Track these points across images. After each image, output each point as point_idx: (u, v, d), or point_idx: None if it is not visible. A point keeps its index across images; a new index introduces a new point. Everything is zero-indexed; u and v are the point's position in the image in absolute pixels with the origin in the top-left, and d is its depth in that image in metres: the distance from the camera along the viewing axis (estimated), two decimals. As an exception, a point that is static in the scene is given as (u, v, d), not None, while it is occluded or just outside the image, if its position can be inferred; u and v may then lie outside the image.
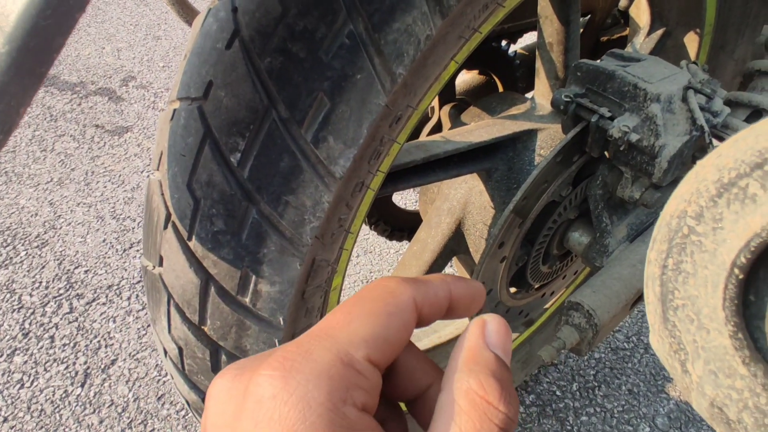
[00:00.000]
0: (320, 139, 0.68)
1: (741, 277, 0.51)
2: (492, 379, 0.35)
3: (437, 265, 1.30)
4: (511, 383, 0.36)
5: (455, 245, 1.30)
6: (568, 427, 1.94)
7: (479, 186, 1.23)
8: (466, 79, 1.55)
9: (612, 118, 1.05)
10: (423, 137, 1.49)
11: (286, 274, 0.75)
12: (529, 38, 3.02)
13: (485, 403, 0.34)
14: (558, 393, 2.00)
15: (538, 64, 1.23)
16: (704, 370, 0.53)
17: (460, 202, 1.25)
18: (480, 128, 1.18)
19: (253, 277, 0.74)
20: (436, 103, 1.45)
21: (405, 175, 1.08)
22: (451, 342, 1.66)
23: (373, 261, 2.33)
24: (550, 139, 1.21)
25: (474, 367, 0.35)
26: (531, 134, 1.21)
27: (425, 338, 1.68)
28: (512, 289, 1.37)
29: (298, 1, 0.64)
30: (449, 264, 2.19)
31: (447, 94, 1.46)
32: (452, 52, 0.77)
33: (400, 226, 1.68)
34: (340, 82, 0.66)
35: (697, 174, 0.55)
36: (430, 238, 1.28)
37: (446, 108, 1.44)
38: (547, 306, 1.73)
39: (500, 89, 1.55)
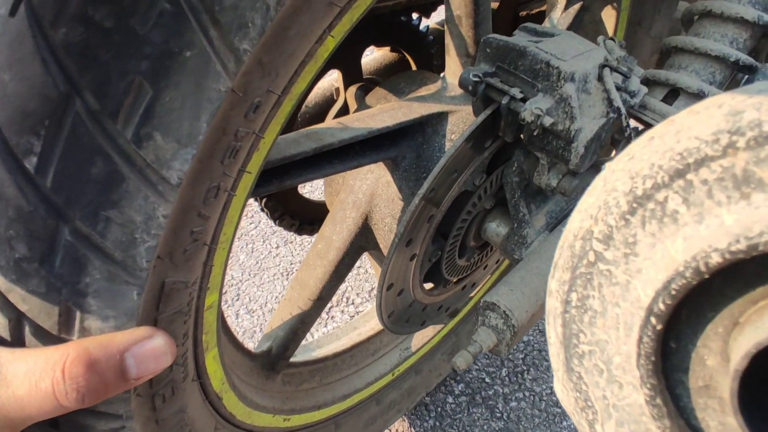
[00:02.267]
0: (143, 136, 0.52)
1: (659, 328, 0.40)
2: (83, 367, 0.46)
3: (344, 264, 1.18)
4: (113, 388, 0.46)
5: (363, 241, 1.18)
6: (498, 414, 1.88)
7: (386, 176, 1.11)
8: (377, 57, 1.42)
9: (524, 100, 0.96)
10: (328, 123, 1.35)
11: (121, 306, 0.59)
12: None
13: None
14: (487, 380, 1.94)
15: (448, 40, 1.12)
16: (617, 432, 0.43)
17: (366, 195, 1.13)
18: (383, 112, 1.05)
19: (77, 313, 0.58)
20: (341, 83, 1.31)
21: (294, 168, 0.94)
22: (371, 338, 1.56)
23: (294, 251, 2.19)
24: (462, 123, 1.10)
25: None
26: (441, 117, 1.10)
27: (345, 336, 1.58)
28: (428, 285, 1.27)
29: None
30: (356, 265, 2.10)
31: (353, 73, 1.32)
32: (324, 24, 0.63)
33: (309, 218, 1.55)
34: (164, 61, 0.50)
35: (605, 182, 0.44)
36: (335, 234, 1.16)
37: (352, 89, 1.30)
38: (472, 295, 1.65)
39: (413, 68, 1.42)
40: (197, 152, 0.56)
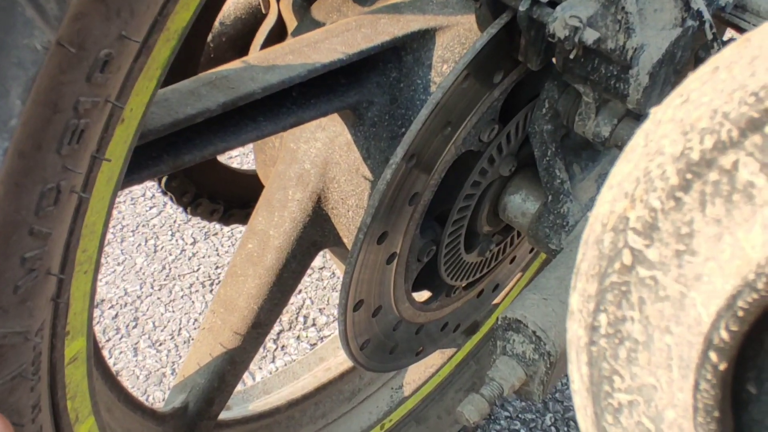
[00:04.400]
0: None
1: (722, 367, 0.41)
2: None
3: (290, 271, 1.18)
4: None
5: (317, 235, 1.18)
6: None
7: (344, 134, 1.10)
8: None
9: (553, 3, 0.94)
10: (255, 50, 1.33)
11: None
12: None
13: None
14: None
15: None
16: None
17: (317, 164, 1.12)
18: (333, 35, 1.03)
19: None
20: (269, -13, 1.29)
21: (196, 135, 0.93)
22: (346, 375, 1.58)
23: (219, 248, 2.20)
24: (458, 44, 1.09)
25: None
26: (426, 38, 1.08)
27: (305, 375, 1.60)
28: (423, 294, 1.28)
29: None
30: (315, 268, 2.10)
31: (287, -30, 1.29)
32: None
33: (240, 199, 1.54)
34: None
35: (647, 139, 0.44)
36: (273, 227, 1.15)
37: (288, -3, 1.28)
38: (497, 302, 1.67)
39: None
40: (12, 144, 0.56)
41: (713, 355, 0.41)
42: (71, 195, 0.66)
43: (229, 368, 1.23)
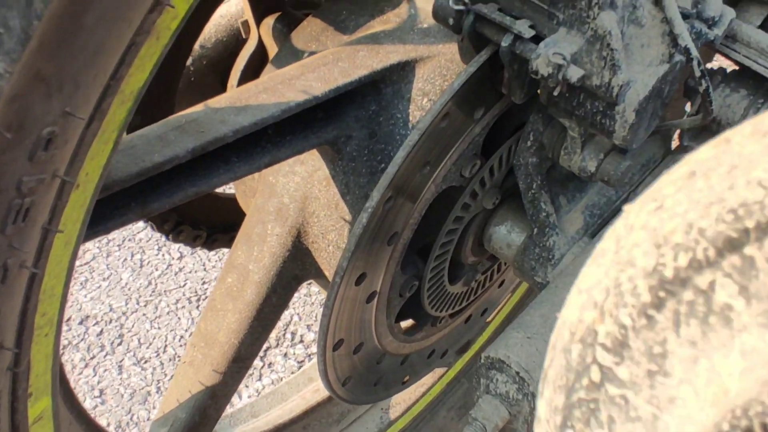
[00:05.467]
0: None
1: None
2: None
3: (270, 306, 1.16)
4: None
5: (298, 268, 1.16)
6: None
7: (323, 169, 1.08)
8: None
9: (537, 39, 0.92)
10: (236, 74, 1.30)
11: None
12: None
13: None
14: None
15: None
16: None
17: (296, 199, 1.10)
18: (309, 70, 1.01)
19: None
20: (249, 14, 1.26)
21: (165, 182, 0.91)
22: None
23: (206, 263, 2.18)
24: (440, 77, 1.06)
25: None
26: (406, 70, 1.06)
27: (294, 396, 1.58)
28: (408, 323, 1.26)
29: None
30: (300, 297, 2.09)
31: (267, -6, 1.25)
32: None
33: (223, 224, 1.52)
34: None
35: (619, 243, 0.42)
36: (253, 262, 1.13)
37: (268, 22, 1.24)
38: (489, 320, 1.64)
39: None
40: None
41: None
42: (21, 270, 0.64)
43: (211, 402, 1.21)
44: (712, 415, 0.38)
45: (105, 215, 0.86)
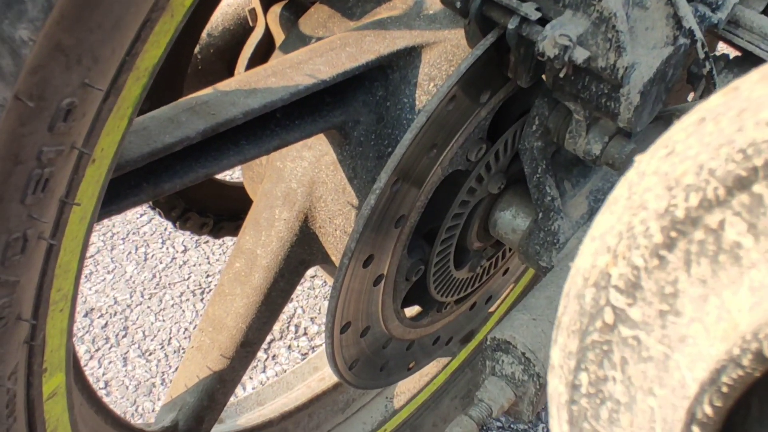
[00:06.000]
0: None
1: None
2: None
3: (278, 290, 1.17)
4: None
5: (305, 253, 1.17)
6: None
7: (330, 153, 1.09)
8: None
9: (543, 21, 0.93)
10: (243, 62, 1.31)
11: None
12: None
13: None
14: None
15: None
16: None
17: (303, 183, 1.11)
18: (317, 54, 1.02)
19: None
20: (258, 4, 1.27)
21: (177, 162, 0.92)
22: (341, 385, 1.58)
23: (210, 256, 2.19)
24: (446, 62, 1.07)
25: None
26: (413, 55, 1.07)
27: (299, 385, 1.59)
28: (414, 310, 1.27)
29: None
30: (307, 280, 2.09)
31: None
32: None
33: (229, 211, 1.53)
34: None
35: (631, 189, 0.43)
36: (261, 246, 1.14)
37: (275, 10, 1.25)
38: (492, 310, 1.65)
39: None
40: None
41: (696, 430, 0.40)
42: (39, 242, 0.65)
43: (219, 387, 1.23)
44: (722, 349, 0.39)
45: (118, 194, 0.87)
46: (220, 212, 1.55)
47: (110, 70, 0.62)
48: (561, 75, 0.96)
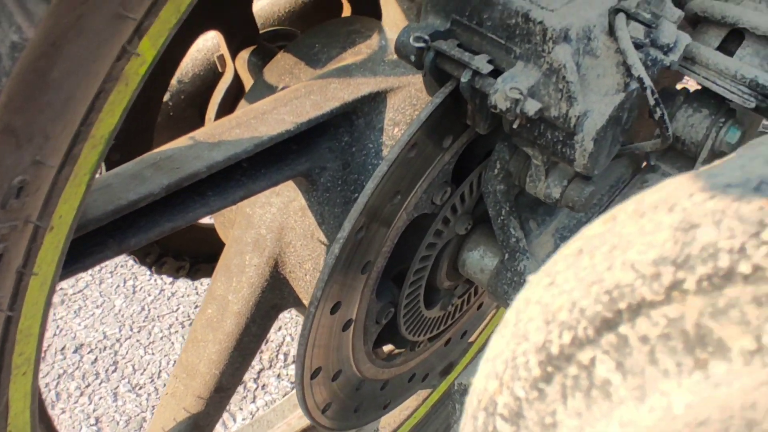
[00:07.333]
0: None
1: None
2: None
3: (250, 335, 1.17)
4: None
5: (277, 297, 1.17)
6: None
7: (298, 199, 1.10)
8: (282, -3, 1.39)
9: (496, 73, 0.94)
10: (214, 107, 1.33)
11: None
12: None
13: None
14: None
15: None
16: None
17: (272, 229, 1.12)
18: (281, 104, 1.03)
19: None
20: (224, 49, 1.28)
21: (141, 219, 0.92)
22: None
23: (199, 286, 2.19)
24: (410, 106, 1.08)
25: None
26: (377, 101, 1.08)
27: (286, 420, 1.59)
28: (386, 349, 1.27)
29: None
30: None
31: (241, 30, 1.28)
32: (117, 40, 0.61)
33: (206, 254, 1.53)
34: None
35: (517, 317, 0.44)
36: (232, 293, 1.15)
37: (243, 55, 1.27)
38: (471, 340, 1.66)
39: (346, 11, 1.39)
40: None
41: None
42: (-5, 313, 0.65)
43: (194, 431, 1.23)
44: None
45: (82, 253, 0.87)
46: (196, 255, 1.55)
47: (63, 144, 0.62)
48: (515, 125, 0.96)
